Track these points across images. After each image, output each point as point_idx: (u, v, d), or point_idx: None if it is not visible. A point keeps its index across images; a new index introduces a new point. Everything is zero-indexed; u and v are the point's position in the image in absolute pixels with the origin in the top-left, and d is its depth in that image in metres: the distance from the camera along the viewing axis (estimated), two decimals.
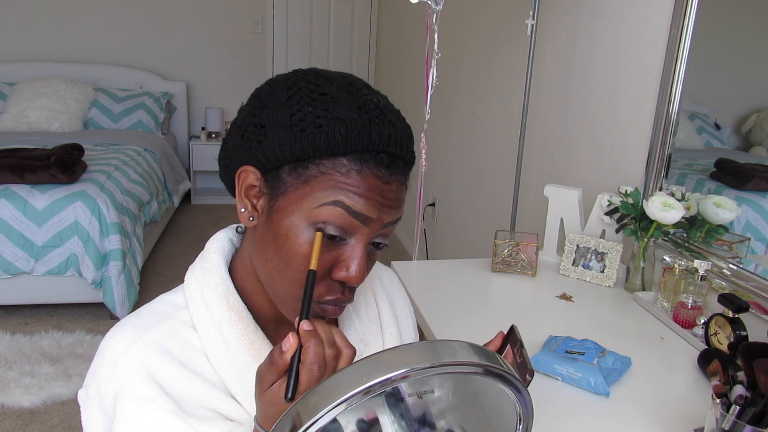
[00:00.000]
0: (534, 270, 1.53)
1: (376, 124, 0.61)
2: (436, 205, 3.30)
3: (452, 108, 3.03)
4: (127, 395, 0.63)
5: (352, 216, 0.60)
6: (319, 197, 0.60)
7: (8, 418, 2.14)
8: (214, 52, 4.67)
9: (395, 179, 0.62)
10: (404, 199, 0.65)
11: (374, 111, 0.62)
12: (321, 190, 0.60)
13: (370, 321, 0.79)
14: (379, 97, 0.65)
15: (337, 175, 0.60)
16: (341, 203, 0.60)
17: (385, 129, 0.61)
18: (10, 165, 2.71)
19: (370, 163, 0.60)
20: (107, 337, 0.67)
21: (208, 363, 0.67)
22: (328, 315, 0.65)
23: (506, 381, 0.49)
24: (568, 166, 1.93)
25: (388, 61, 4.58)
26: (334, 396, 0.43)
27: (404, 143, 0.63)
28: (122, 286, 2.72)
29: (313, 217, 0.61)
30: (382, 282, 0.84)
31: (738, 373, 0.79)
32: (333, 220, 0.60)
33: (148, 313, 0.69)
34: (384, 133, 0.61)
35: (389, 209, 0.62)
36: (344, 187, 0.60)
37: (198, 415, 0.64)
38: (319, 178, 0.61)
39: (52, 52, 4.38)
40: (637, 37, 1.59)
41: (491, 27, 2.57)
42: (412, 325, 0.88)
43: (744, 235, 1.32)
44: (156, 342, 0.65)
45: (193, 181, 4.56)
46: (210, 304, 0.68)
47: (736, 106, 1.45)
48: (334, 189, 0.60)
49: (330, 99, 0.62)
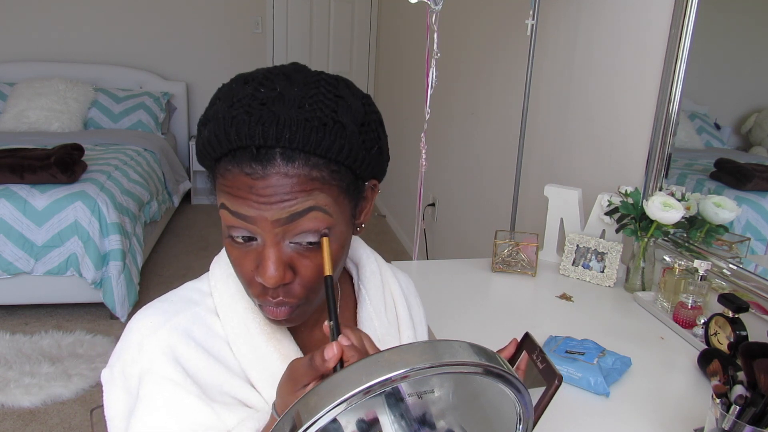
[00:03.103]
0: (534, 270, 1.53)
1: (240, 120, 0.57)
2: (436, 205, 3.30)
3: (452, 108, 3.03)
4: (152, 376, 0.64)
5: (235, 217, 0.60)
6: (218, 201, 0.62)
7: (8, 418, 2.14)
8: (214, 52, 4.67)
9: (275, 172, 0.58)
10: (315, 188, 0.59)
11: (246, 105, 0.58)
12: (217, 193, 0.62)
13: (389, 323, 0.80)
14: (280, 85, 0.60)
15: (221, 178, 0.61)
16: (224, 205, 0.61)
17: (252, 122, 0.57)
18: (10, 165, 2.71)
19: (241, 161, 0.58)
20: (134, 319, 0.68)
21: (230, 351, 0.68)
22: (269, 316, 0.64)
23: (506, 381, 0.49)
24: (568, 166, 1.93)
25: (388, 61, 4.58)
26: (334, 396, 0.43)
27: (286, 131, 0.57)
28: (122, 286, 2.72)
29: (222, 221, 0.63)
30: (400, 286, 0.85)
31: (738, 373, 0.79)
32: (227, 222, 0.61)
33: (175, 298, 0.71)
34: (250, 128, 0.57)
35: (269, 205, 0.58)
36: (224, 189, 0.60)
37: (219, 401, 0.65)
38: (216, 183, 0.63)
39: (52, 52, 4.38)
40: (637, 37, 1.59)
41: (491, 27, 2.57)
42: (426, 330, 0.90)
43: (744, 235, 1.32)
44: (182, 327, 0.67)
45: (193, 181, 4.56)
46: (234, 294, 0.70)
47: (736, 106, 1.45)
48: (219, 192, 0.62)
49: (216, 100, 0.62)
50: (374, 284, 0.80)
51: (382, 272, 0.82)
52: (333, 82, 0.62)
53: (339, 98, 0.61)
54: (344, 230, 0.64)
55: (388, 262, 0.88)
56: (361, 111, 0.63)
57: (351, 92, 0.63)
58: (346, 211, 0.64)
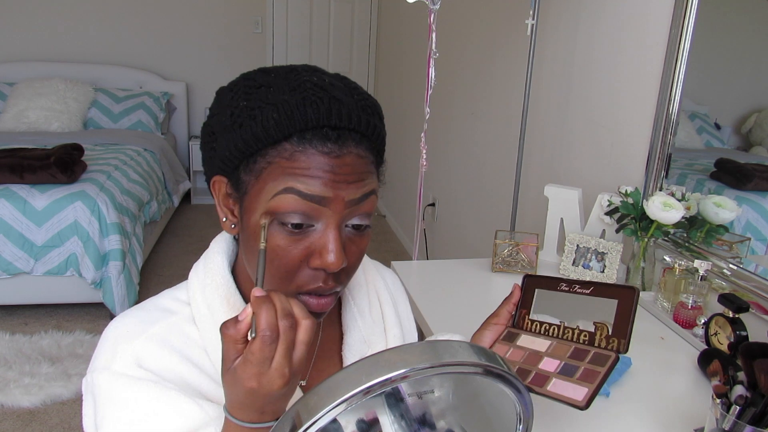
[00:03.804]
0: (534, 270, 1.53)
1: (311, 101, 0.58)
2: (436, 205, 3.30)
3: (452, 108, 3.03)
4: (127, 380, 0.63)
5: (306, 200, 0.58)
6: (271, 188, 0.59)
7: (8, 418, 2.14)
8: (214, 52, 4.67)
9: (348, 152, 0.59)
10: (372, 172, 0.62)
11: (310, 89, 0.59)
12: (271, 181, 0.59)
13: (374, 322, 0.79)
14: (324, 76, 0.62)
15: (283, 161, 0.59)
16: (292, 189, 0.58)
17: (323, 104, 0.58)
18: (10, 165, 2.71)
19: (314, 141, 0.58)
20: (111, 327, 0.68)
21: (208, 358, 0.67)
22: (310, 308, 0.62)
23: (506, 381, 0.49)
24: (568, 166, 1.93)
25: (388, 61, 4.58)
26: (334, 396, 0.43)
27: (354, 115, 0.59)
28: (122, 286, 2.72)
29: (270, 210, 0.59)
30: (385, 283, 0.84)
31: (738, 373, 0.79)
32: (289, 208, 0.58)
33: (152, 307, 0.70)
34: (322, 108, 0.58)
35: (347, 185, 0.59)
36: (291, 172, 0.58)
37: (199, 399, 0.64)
38: (268, 169, 0.59)
39: (52, 52, 4.38)
40: (637, 37, 1.59)
41: (491, 27, 2.57)
42: (413, 327, 0.89)
43: (744, 235, 1.32)
44: (159, 337, 0.66)
45: (192, 181, 4.56)
46: (211, 304, 0.68)
47: (736, 106, 1.45)
48: (282, 176, 0.59)
49: (264, 89, 0.61)
50: (357, 283, 0.79)
51: (365, 270, 0.82)
52: (352, 81, 0.65)
53: (365, 91, 0.64)
54: None
55: (388, 263, 0.88)
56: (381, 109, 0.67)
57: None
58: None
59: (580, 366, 0.70)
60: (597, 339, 0.72)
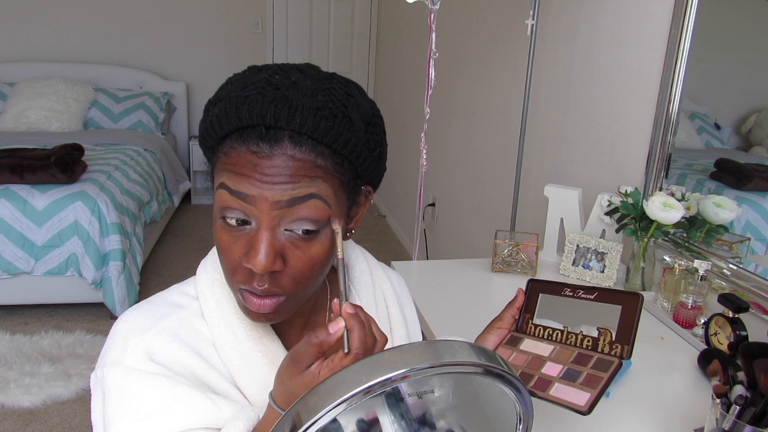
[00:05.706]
0: (534, 270, 1.53)
1: (252, 99, 0.58)
2: (436, 205, 3.30)
3: (452, 108, 3.03)
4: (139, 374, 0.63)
5: (234, 196, 0.59)
6: (216, 182, 0.62)
7: (8, 418, 2.14)
8: (214, 52, 4.67)
9: (282, 153, 0.58)
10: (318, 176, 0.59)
11: (260, 87, 0.59)
12: (216, 175, 0.62)
13: (380, 323, 0.79)
14: (294, 75, 0.61)
15: (223, 156, 0.61)
16: (223, 184, 0.60)
17: (261, 103, 0.58)
18: (10, 165, 2.71)
19: (248, 139, 0.58)
20: (120, 321, 0.67)
21: (217, 354, 0.67)
22: (252, 308, 0.62)
23: (506, 381, 0.49)
24: (568, 166, 1.93)
25: (388, 61, 4.58)
26: (334, 396, 0.43)
27: (297, 116, 0.58)
28: (122, 286, 2.72)
29: (216, 203, 0.62)
30: (392, 285, 0.84)
31: (738, 373, 0.79)
32: (223, 203, 0.60)
33: (161, 301, 0.70)
34: (258, 107, 0.58)
35: (271, 185, 0.58)
36: (226, 168, 0.60)
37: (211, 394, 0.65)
38: (217, 163, 0.62)
39: (52, 52, 4.38)
40: (637, 37, 1.59)
41: (491, 27, 2.57)
42: (418, 328, 0.89)
43: (744, 235, 1.32)
44: (168, 330, 0.66)
45: (193, 181, 4.56)
46: (220, 299, 0.69)
47: (736, 106, 1.45)
48: (220, 171, 0.61)
49: (227, 85, 0.63)
50: (364, 284, 0.80)
51: (372, 272, 0.82)
52: (345, 82, 0.64)
53: (350, 96, 0.62)
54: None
55: (389, 262, 0.88)
56: (369, 111, 0.64)
57: (361, 94, 0.65)
58: (343, 208, 0.64)
59: (583, 371, 0.70)
60: (600, 344, 0.72)
